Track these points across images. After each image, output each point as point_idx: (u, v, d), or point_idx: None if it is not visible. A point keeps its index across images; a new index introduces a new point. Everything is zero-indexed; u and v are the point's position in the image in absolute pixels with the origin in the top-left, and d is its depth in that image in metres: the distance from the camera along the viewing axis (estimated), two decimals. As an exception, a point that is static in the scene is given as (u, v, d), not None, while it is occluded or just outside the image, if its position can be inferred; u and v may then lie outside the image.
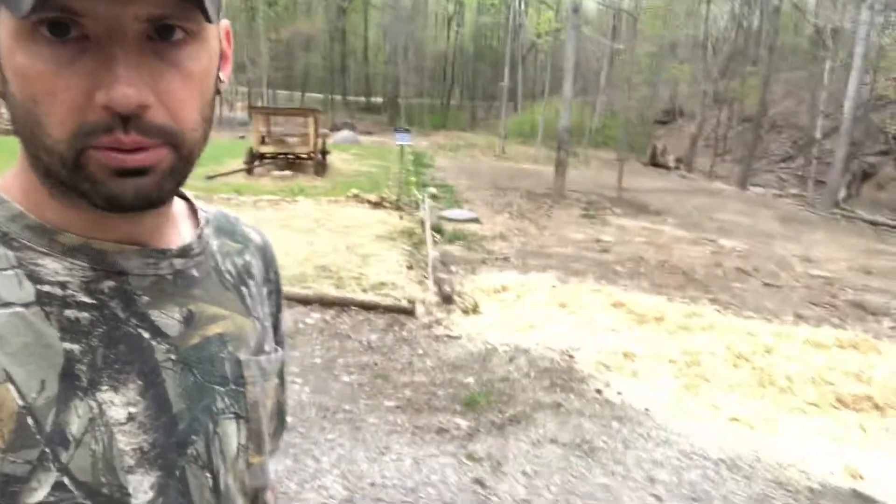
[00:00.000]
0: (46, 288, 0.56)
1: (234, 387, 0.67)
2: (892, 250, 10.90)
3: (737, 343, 5.11)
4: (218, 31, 0.60)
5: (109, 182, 0.54)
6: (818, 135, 19.99)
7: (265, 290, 0.78)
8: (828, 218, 14.79)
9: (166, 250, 0.64)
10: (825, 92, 20.24)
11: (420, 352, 4.83)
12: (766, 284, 7.43)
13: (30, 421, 0.53)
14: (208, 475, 0.64)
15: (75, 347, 0.56)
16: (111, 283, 0.59)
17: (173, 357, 0.62)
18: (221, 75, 0.62)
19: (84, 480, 0.55)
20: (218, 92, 0.62)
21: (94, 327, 0.57)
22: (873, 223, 14.66)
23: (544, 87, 29.53)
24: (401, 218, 9.34)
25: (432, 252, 7.23)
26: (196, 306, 0.65)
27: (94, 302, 0.58)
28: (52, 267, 0.57)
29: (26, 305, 0.55)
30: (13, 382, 0.52)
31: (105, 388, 0.57)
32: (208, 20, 0.53)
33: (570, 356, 4.79)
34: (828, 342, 5.27)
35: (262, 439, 0.71)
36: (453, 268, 7.00)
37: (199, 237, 0.69)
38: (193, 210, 0.73)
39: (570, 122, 15.40)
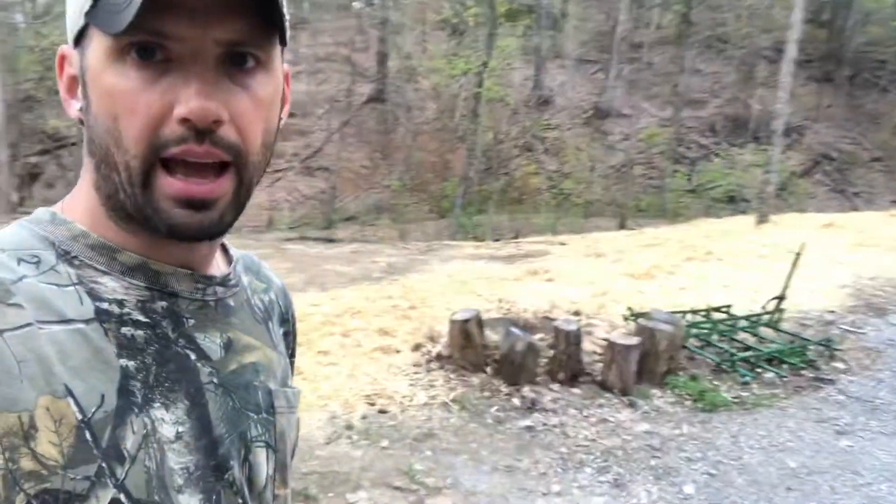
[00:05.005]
0: (105, 305, 0.57)
1: (265, 416, 0.68)
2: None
3: None
4: (282, 69, 0.62)
5: (174, 211, 0.56)
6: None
7: (281, 331, 0.80)
8: (9, 221, 14.32)
9: (212, 277, 0.66)
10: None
11: None
12: None
13: (87, 435, 0.52)
14: (240, 501, 0.64)
15: (131, 364, 0.56)
16: (164, 304, 0.61)
17: (215, 380, 0.63)
18: (281, 114, 0.64)
19: (139, 498, 0.54)
20: (278, 129, 0.63)
21: (148, 345, 0.58)
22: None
23: None
24: None
25: None
26: (234, 334, 0.67)
27: (147, 321, 0.59)
28: (111, 285, 0.58)
29: (86, 322, 0.55)
30: (73, 396, 0.52)
31: (157, 405, 0.57)
32: (283, 43, 0.58)
33: None
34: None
35: (286, 471, 0.72)
36: None
37: (235, 270, 0.72)
38: (223, 247, 0.74)
39: None
